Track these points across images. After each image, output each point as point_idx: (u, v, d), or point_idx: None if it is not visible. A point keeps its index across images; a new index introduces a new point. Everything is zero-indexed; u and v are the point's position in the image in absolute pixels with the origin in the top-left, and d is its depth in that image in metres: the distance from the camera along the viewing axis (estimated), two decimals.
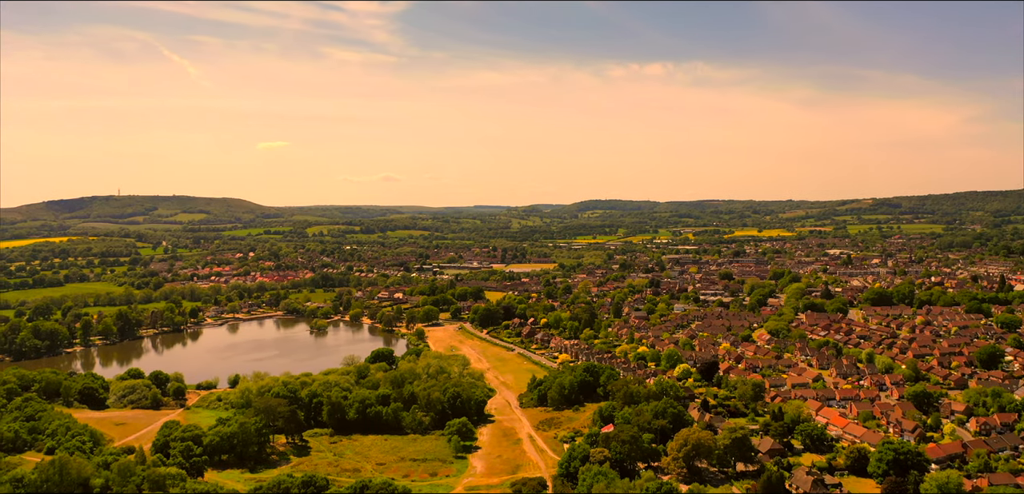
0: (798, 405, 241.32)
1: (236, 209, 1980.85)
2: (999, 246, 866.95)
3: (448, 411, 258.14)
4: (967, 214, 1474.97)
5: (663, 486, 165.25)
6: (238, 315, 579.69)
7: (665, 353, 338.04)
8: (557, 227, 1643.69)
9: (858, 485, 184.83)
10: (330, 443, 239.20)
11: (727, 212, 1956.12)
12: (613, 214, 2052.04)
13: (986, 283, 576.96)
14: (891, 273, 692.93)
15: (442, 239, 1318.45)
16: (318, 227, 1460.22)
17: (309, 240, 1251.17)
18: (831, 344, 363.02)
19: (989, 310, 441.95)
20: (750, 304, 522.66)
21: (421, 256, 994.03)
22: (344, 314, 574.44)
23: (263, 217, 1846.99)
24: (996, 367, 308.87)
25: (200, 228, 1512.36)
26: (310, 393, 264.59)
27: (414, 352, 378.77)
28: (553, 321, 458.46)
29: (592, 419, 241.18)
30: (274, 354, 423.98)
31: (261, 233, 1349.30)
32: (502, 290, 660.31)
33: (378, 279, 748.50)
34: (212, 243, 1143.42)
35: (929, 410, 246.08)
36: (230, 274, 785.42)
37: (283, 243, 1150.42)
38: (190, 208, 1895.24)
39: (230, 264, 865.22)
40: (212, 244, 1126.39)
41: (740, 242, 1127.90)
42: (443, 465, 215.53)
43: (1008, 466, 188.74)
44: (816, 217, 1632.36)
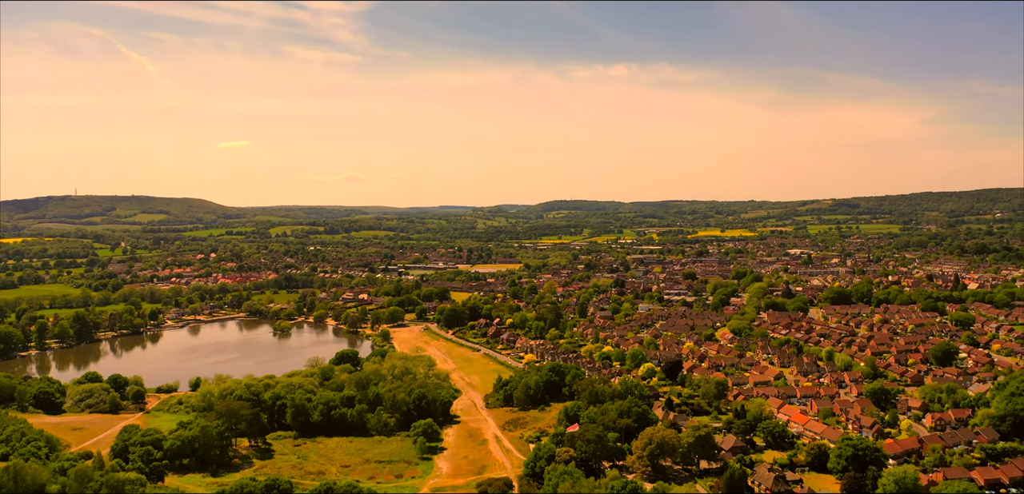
0: (760, 403, 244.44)
1: (197, 209, 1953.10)
2: (953, 246, 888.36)
3: (413, 412, 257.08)
4: (923, 214, 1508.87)
5: (628, 485, 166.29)
6: (199, 317, 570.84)
7: (630, 352, 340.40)
8: (523, 227, 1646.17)
9: (818, 481, 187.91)
10: (294, 446, 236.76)
11: (691, 212, 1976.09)
12: (578, 214, 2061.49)
13: (941, 282, 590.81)
14: (850, 272, 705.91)
15: (407, 240, 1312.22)
16: (281, 228, 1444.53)
17: (272, 241, 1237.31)
18: (792, 342, 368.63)
19: (944, 308, 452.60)
20: (713, 303, 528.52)
21: (386, 257, 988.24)
22: (308, 315, 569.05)
23: (225, 217, 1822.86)
24: (950, 364, 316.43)
25: (160, 229, 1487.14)
26: (273, 395, 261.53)
27: (379, 353, 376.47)
28: (519, 321, 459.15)
29: (558, 419, 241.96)
30: (236, 356, 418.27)
31: (223, 234, 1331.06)
32: (468, 290, 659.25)
33: (343, 280, 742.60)
34: (172, 244, 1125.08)
35: (887, 407, 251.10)
36: (191, 275, 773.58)
37: (246, 244, 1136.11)
38: (150, 208, 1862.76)
39: (191, 265, 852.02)
40: (172, 245, 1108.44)
41: (703, 242, 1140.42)
42: (409, 466, 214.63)
43: (962, 461, 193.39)
44: (777, 217, 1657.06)
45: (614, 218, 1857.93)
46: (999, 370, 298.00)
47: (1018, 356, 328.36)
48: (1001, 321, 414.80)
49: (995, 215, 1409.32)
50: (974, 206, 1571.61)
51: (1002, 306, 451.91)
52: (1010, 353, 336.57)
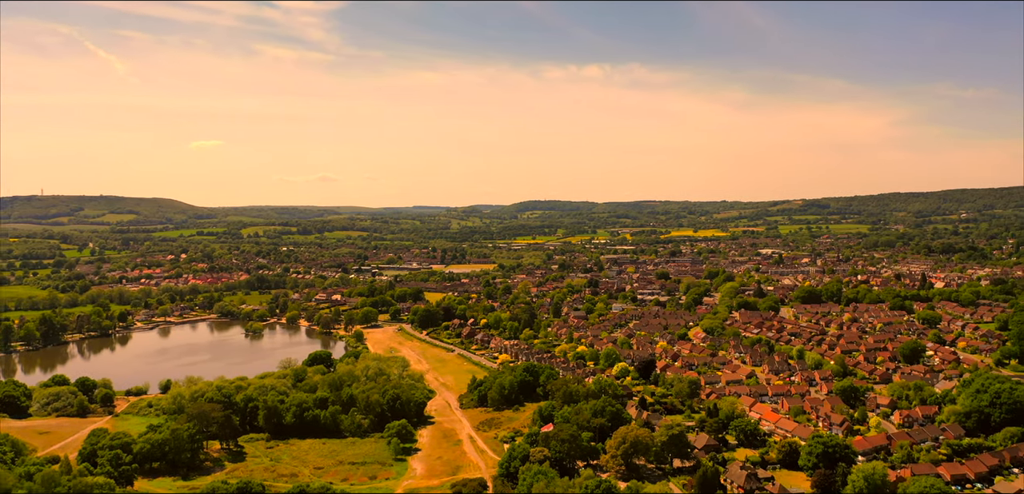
0: (732, 401, 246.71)
1: (167, 209, 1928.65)
2: (920, 246, 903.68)
3: (387, 413, 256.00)
4: (891, 215, 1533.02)
5: (602, 484, 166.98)
6: (170, 318, 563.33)
7: (604, 352, 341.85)
8: (497, 228, 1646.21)
9: (789, 478, 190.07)
10: (267, 448, 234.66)
11: (664, 212, 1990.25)
12: (552, 215, 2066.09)
13: (908, 281, 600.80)
14: (820, 272, 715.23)
15: (381, 240, 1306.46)
16: (253, 228, 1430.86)
17: (244, 241, 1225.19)
18: (764, 341, 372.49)
19: (911, 307, 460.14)
20: (686, 303, 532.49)
21: (359, 257, 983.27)
22: (280, 316, 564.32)
23: (196, 218, 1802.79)
24: (918, 362, 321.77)
25: (129, 229, 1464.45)
26: (245, 397, 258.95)
27: (353, 354, 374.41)
28: (493, 321, 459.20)
29: (532, 419, 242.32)
30: (208, 358, 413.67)
31: (194, 234, 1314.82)
32: (442, 291, 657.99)
33: (315, 281, 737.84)
34: (142, 245, 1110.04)
35: (856, 404, 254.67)
36: (161, 276, 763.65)
37: (217, 244, 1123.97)
38: (119, 208, 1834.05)
39: (161, 266, 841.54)
40: (142, 246, 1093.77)
41: (676, 242, 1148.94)
42: (383, 468, 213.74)
43: (929, 457, 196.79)
44: (749, 218, 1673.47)
45: (588, 218, 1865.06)
46: (965, 368, 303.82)
47: (983, 354, 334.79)
48: (967, 319, 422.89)
49: (961, 215, 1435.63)
50: (940, 206, 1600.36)
51: (967, 304, 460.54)
52: (975, 351, 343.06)
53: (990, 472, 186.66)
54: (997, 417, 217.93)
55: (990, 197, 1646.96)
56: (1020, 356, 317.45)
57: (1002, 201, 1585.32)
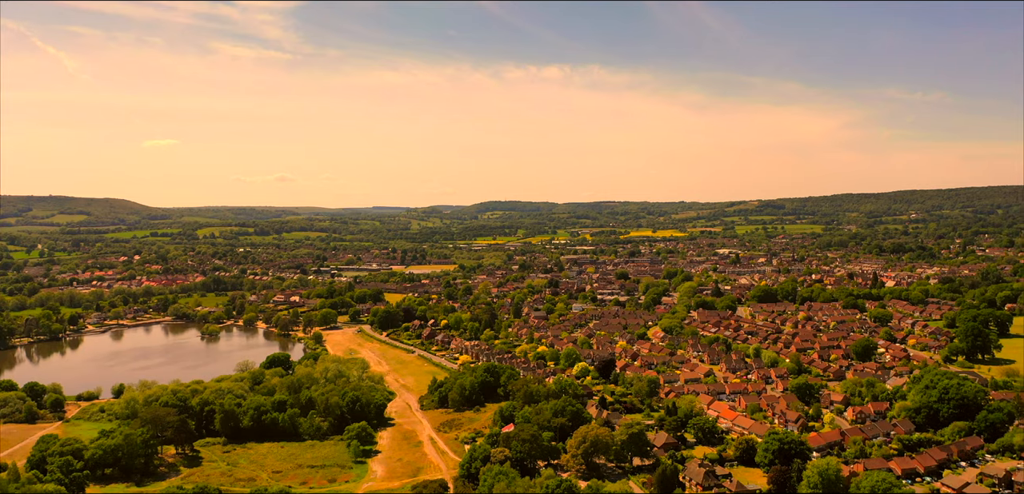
0: (691, 400, 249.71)
1: (120, 210, 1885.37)
2: (872, 245, 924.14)
3: (347, 416, 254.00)
4: (844, 215, 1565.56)
5: (563, 483, 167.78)
6: (123, 321, 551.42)
7: (564, 352, 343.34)
8: (457, 228, 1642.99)
9: (747, 475, 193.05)
10: (223, 452, 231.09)
11: (623, 213, 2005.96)
12: (513, 215, 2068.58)
13: (861, 280, 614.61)
14: (776, 271, 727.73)
15: (340, 241, 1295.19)
16: (209, 229, 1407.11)
17: (200, 242, 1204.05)
18: (721, 340, 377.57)
19: (864, 305, 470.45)
20: (645, 303, 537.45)
21: (318, 258, 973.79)
22: (238, 319, 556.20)
23: (149, 218, 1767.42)
24: (870, 359, 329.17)
25: (80, 230, 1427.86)
26: (202, 401, 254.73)
27: (312, 356, 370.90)
28: (454, 322, 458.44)
29: (493, 419, 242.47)
30: (162, 361, 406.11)
31: (148, 235, 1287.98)
32: (402, 292, 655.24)
33: (273, 282, 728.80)
34: (94, 246, 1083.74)
35: (811, 401, 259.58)
36: (114, 278, 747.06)
37: (172, 246, 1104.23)
38: (69, 209, 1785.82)
39: (114, 268, 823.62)
40: (94, 247, 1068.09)
41: (635, 242, 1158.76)
42: (342, 471, 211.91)
43: (881, 452, 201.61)
44: (706, 218, 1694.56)
45: (548, 219, 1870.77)
46: (915, 364, 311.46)
47: (932, 351, 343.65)
48: (916, 317, 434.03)
49: (910, 216, 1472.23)
50: (891, 207, 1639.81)
51: (917, 303, 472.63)
52: (924, 348, 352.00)
53: (939, 466, 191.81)
54: (945, 412, 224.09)
55: (938, 198, 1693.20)
56: (967, 353, 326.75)
57: (950, 202, 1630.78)
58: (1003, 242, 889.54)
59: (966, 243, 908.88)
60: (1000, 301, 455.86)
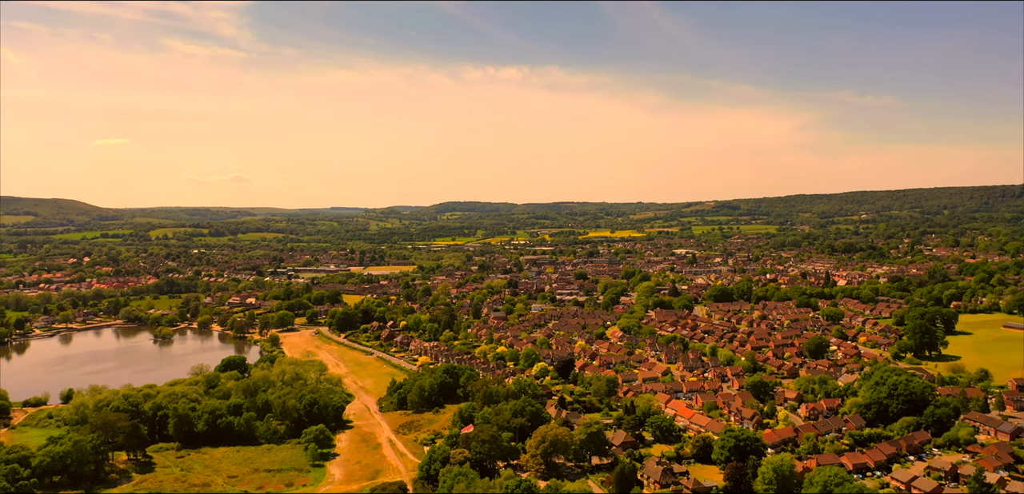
0: (649, 398, 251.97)
1: (69, 211, 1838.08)
2: (825, 245, 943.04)
3: (305, 418, 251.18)
4: (797, 215, 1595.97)
5: (522, 483, 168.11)
6: (72, 325, 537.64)
7: (523, 352, 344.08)
8: (416, 229, 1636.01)
9: (703, 472, 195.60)
10: (177, 458, 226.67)
11: (582, 213, 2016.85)
12: (472, 216, 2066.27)
13: (814, 279, 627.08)
14: (732, 271, 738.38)
15: (297, 242, 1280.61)
16: (162, 230, 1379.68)
17: (152, 243, 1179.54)
18: (678, 339, 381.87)
19: (816, 304, 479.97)
20: (604, 303, 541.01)
21: (275, 259, 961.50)
22: (192, 321, 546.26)
23: (100, 219, 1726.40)
24: (823, 356, 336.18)
25: (26, 231, 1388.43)
26: (154, 405, 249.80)
27: (268, 359, 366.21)
28: (413, 323, 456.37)
29: (452, 420, 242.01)
30: (113, 366, 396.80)
31: (98, 236, 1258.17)
32: (360, 293, 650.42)
33: (229, 284, 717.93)
34: (41, 247, 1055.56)
35: (766, 398, 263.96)
36: (62, 281, 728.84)
37: (123, 247, 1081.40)
38: (14, 209, 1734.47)
39: (62, 270, 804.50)
40: (41, 248, 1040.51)
41: (594, 243, 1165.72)
42: (300, 474, 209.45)
43: (833, 447, 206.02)
44: (664, 218, 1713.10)
45: (507, 219, 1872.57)
46: (865, 361, 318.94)
47: (882, 348, 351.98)
48: (867, 315, 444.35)
49: (861, 216, 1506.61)
50: (843, 208, 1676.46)
51: (867, 301, 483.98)
52: (875, 345, 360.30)
53: (888, 460, 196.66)
54: (895, 408, 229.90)
55: (888, 199, 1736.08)
56: (915, 350, 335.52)
57: (899, 203, 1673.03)
58: (949, 242, 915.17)
59: (914, 243, 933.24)
60: (946, 299, 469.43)
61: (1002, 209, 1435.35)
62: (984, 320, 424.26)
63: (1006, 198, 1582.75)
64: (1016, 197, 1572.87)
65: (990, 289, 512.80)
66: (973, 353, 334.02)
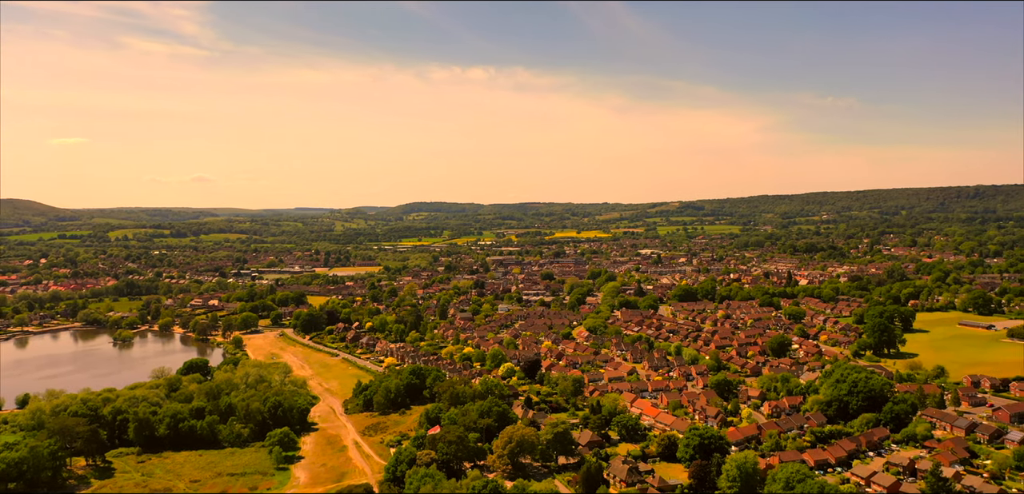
0: (615, 398, 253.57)
1: (24, 211, 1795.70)
2: (787, 245, 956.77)
3: (269, 421, 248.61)
4: (760, 216, 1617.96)
5: (489, 484, 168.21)
6: (27, 328, 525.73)
7: (490, 353, 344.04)
8: (382, 229, 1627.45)
9: (669, 470, 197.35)
10: (138, 463, 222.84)
11: (548, 214, 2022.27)
12: (438, 217, 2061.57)
13: (776, 279, 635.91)
14: (696, 271, 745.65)
15: (261, 243, 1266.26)
16: (122, 231, 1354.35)
17: (112, 245, 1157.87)
18: (644, 339, 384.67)
19: (779, 303, 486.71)
20: (570, 303, 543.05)
21: (239, 261, 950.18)
22: (153, 324, 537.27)
23: (57, 220, 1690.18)
24: (785, 355, 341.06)
25: None
26: (114, 410, 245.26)
27: (231, 361, 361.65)
28: (378, 324, 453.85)
29: (419, 421, 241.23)
30: (71, 370, 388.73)
31: (55, 237, 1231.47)
32: (325, 294, 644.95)
33: (191, 285, 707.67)
34: None
35: (729, 397, 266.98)
36: (17, 283, 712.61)
37: (81, 248, 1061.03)
38: None
39: (17, 272, 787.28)
40: None
41: (560, 243, 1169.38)
42: (264, 478, 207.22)
43: (795, 444, 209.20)
44: (629, 219, 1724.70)
45: (474, 220, 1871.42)
46: (826, 359, 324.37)
47: (842, 346, 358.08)
48: (827, 314, 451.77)
49: (822, 217, 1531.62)
50: (804, 208, 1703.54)
51: (828, 300, 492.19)
52: (835, 343, 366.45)
53: (849, 456, 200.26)
54: (855, 405, 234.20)
55: (848, 199, 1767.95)
56: (874, 348, 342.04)
57: (858, 203, 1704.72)
58: (907, 242, 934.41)
59: (873, 243, 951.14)
60: (904, 298, 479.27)
61: (957, 209, 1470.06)
62: (940, 318, 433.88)
63: (961, 199, 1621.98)
64: (970, 198, 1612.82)
65: (946, 288, 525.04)
66: (930, 351, 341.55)
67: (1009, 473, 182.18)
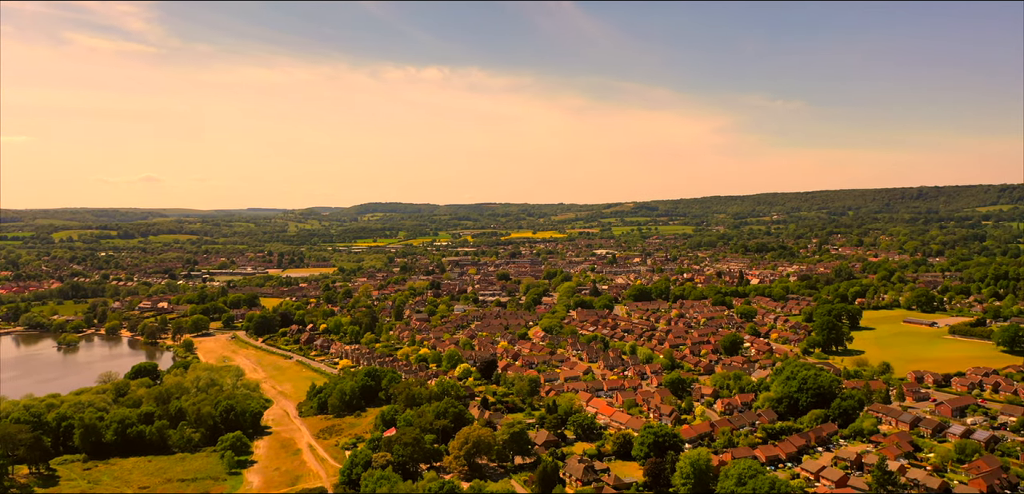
0: (570, 397, 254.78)
1: None
2: (738, 245, 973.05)
3: (221, 426, 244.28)
4: (713, 216, 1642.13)
5: (445, 485, 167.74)
6: None
7: (446, 354, 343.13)
8: (337, 230, 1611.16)
9: (624, 468, 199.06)
10: (84, 470, 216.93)
11: (504, 214, 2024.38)
12: (394, 217, 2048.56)
13: (728, 278, 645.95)
14: (650, 271, 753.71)
15: (213, 244, 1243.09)
16: (66, 232, 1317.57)
17: (56, 246, 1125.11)
18: (599, 338, 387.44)
19: (731, 302, 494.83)
20: (526, 303, 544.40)
21: (189, 262, 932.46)
22: (99, 327, 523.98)
23: None
24: (737, 353, 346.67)
25: None
26: (58, 416, 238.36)
27: (182, 365, 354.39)
28: (333, 326, 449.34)
29: (374, 424, 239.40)
30: (13, 375, 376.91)
31: None
32: (279, 296, 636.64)
33: (139, 288, 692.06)
34: None
35: (683, 395, 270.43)
36: None
37: (23, 250, 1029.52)
38: None
39: None
40: None
41: (516, 243, 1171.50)
42: (216, 483, 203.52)
43: (747, 440, 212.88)
44: (585, 220, 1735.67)
45: (430, 220, 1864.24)
46: (777, 357, 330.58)
47: (792, 344, 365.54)
48: (778, 312, 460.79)
49: (772, 217, 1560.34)
50: (755, 209, 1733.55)
51: (779, 299, 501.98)
52: (786, 341, 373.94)
53: (799, 452, 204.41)
54: (804, 401, 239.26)
55: (797, 200, 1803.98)
56: (823, 345, 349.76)
57: (807, 204, 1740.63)
58: (854, 242, 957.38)
59: (822, 243, 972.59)
60: (851, 296, 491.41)
61: (901, 210, 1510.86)
62: (886, 316, 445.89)
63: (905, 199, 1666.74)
64: (914, 199, 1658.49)
65: (891, 286, 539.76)
66: (876, 347, 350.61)
67: (951, 465, 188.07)
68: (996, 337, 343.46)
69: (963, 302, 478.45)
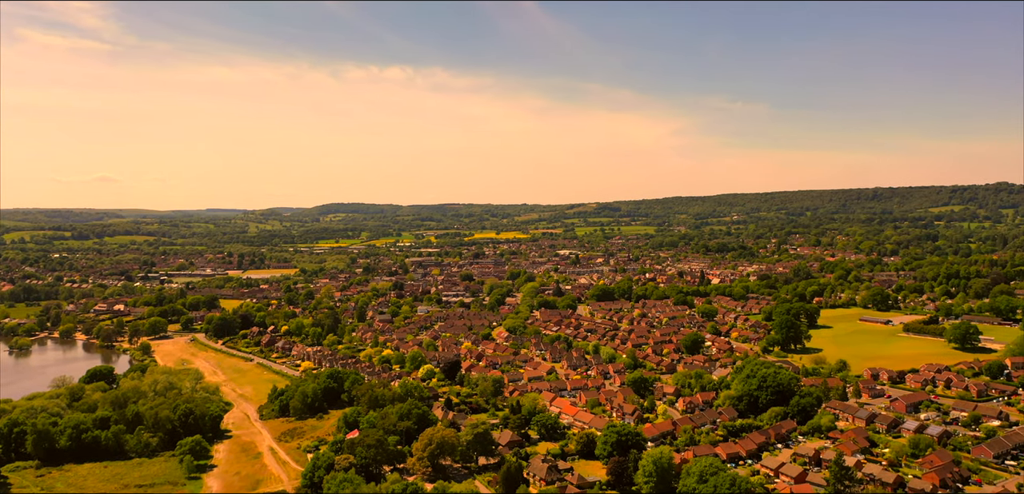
0: (534, 397, 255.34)
1: None
2: (700, 245, 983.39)
3: (180, 430, 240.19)
4: (674, 217, 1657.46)
5: (409, 487, 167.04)
6: None
7: (409, 355, 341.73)
8: (298, 231, 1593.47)
9: (587, 467, 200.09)
10: (37, 477, 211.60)
11: (467, 215, 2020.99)
12: (356, 218, 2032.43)
13: (690, 278, 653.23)
14: (613, 271, 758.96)
15: (171, 245, 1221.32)
16: (18, 233, 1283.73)
17: (6, 248, 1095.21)
18: (563, 338, 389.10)
19: (692, 302, 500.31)
20: (490, 303, 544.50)
21: (146, 264, 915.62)
22: (53, 330, 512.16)
23: None
24: (699, 352, 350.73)
25: None
26: (10, 422, 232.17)
27: (139, 368, 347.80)
28: (295, 328, 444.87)
29: (337, 426, 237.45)
30: None
31: None
32: (239, 298, 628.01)
33: (94, 290, 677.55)
34: None
35: (646, 394, 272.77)
36: None
37: None
38: None
39: None
40: None
41: (480, 244, 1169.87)
42: (174, 488, 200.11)
43: (709, 438, 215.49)
44: (548, 220, 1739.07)
45: (393, 221, 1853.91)
46: (737, 356, 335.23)
47: (752, 342, 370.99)
48: (738, 312, 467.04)
49: (733, 218, 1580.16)
50: (716, 209, 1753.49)
51: (739, 298, 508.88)
52: (746, 340, 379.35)
53: (759, 449, 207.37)
54: (764, 399, 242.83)
55: (757, 201, 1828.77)
56: (782, 343, 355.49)
57: (766, 205, 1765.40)
58: (812, 241, 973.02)
59: (781, 243, 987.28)
60: (809, 295, 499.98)
61: (858, 211, 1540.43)
62: (843, 314, 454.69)
63: (861, 200, 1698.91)
64: (869, 199, 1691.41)
65: (848, 285, 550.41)
66: (833, 345, 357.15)
67: (905, 460, 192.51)
68: (948, 335, 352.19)
69: (917, 300, 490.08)
